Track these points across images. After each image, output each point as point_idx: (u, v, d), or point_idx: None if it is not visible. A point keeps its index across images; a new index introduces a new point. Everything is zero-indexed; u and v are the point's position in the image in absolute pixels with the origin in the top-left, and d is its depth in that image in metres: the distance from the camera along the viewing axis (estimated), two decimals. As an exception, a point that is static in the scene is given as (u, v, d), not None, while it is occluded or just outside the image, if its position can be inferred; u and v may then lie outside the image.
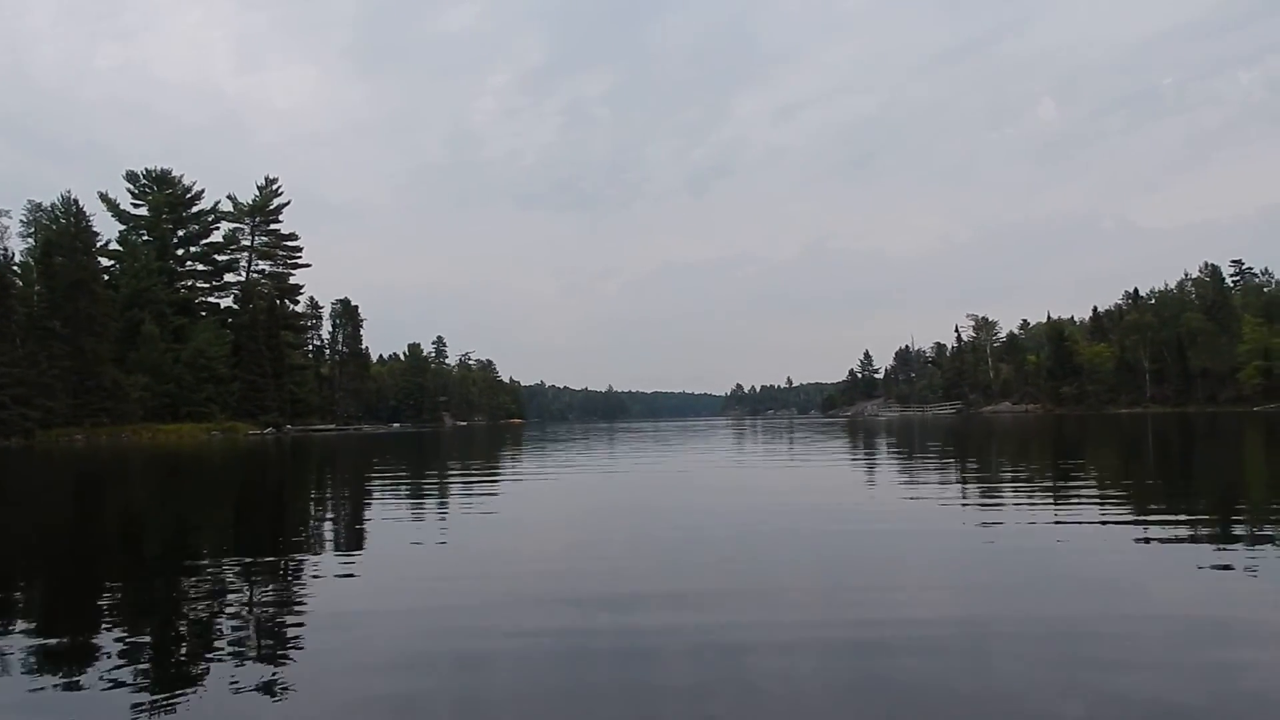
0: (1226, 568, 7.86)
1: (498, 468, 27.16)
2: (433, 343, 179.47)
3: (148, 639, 6.34)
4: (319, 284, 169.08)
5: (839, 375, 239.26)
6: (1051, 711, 4.44)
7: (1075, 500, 13.95)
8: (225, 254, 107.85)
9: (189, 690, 5.01)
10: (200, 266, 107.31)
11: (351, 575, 8.75)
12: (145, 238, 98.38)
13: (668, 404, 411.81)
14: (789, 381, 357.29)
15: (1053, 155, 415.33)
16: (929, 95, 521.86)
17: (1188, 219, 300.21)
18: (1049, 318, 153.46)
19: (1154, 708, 4.44)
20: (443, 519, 13.61)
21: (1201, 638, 5.67)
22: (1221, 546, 9.06)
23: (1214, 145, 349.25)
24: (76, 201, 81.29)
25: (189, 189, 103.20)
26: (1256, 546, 8.99)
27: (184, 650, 6.04)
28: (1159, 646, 5.46)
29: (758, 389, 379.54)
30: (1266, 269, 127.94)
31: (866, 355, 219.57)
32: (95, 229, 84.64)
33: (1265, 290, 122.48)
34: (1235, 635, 5.72)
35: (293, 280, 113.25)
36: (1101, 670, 4.99)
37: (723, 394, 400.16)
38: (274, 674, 5.32)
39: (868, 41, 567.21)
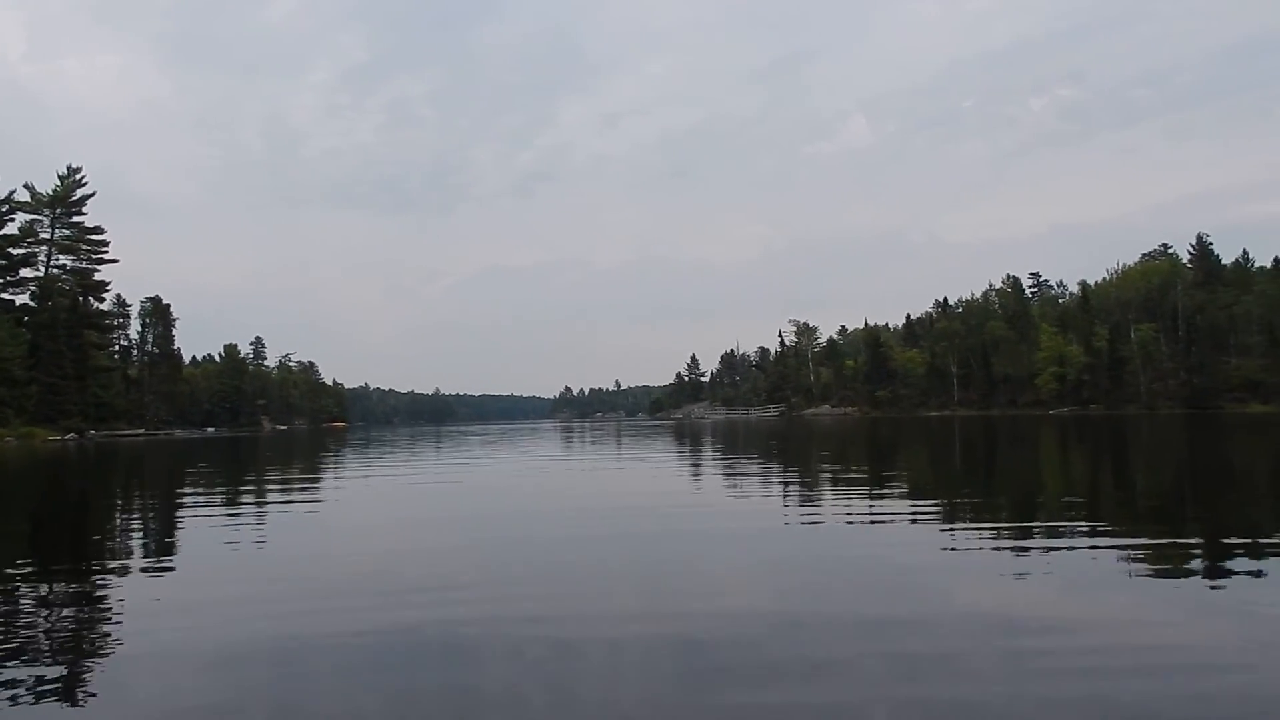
0: (1023, 563, 8.42)
1: (318, 472, 26.36)
2: (250, 344, 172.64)
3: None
4: (127, 281, 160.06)
5: (666, 378, 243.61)
6: (858, 708, 4.64)
7: (888, 499, 14.61)
8: (21, 247, 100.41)
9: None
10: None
11: (161, 584, 8.32)
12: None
13: (496, 407, 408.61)
14: (617, 384, 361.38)
15: (865, 170, 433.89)
16: (746, 109, 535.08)
17: (989, 235, 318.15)
18: (866, 324, 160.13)
19: (954, 705, 4.67)
20: (259, 526, 13.13)
21: (1000, 635, 6.00)
22: (1019, 544, 9.68)
23: (1010, 166, 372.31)
24: None
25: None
26: (1050, 542, 9.65)
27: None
28: (961, 644, 5.76)
29: (586, 392, 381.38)
30: (1061, 281, 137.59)
31: (693, 359, 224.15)
32: None
33: (1060, 301, 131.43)
34: (1029, 631, 6.10)
35: (98, 276, 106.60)
36: (908, 667, 5.25)
37: (551, 397, 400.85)
38: (74, 694, 5.03)
39: (686, 56, 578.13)
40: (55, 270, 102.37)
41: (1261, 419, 59.46)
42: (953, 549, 9.38)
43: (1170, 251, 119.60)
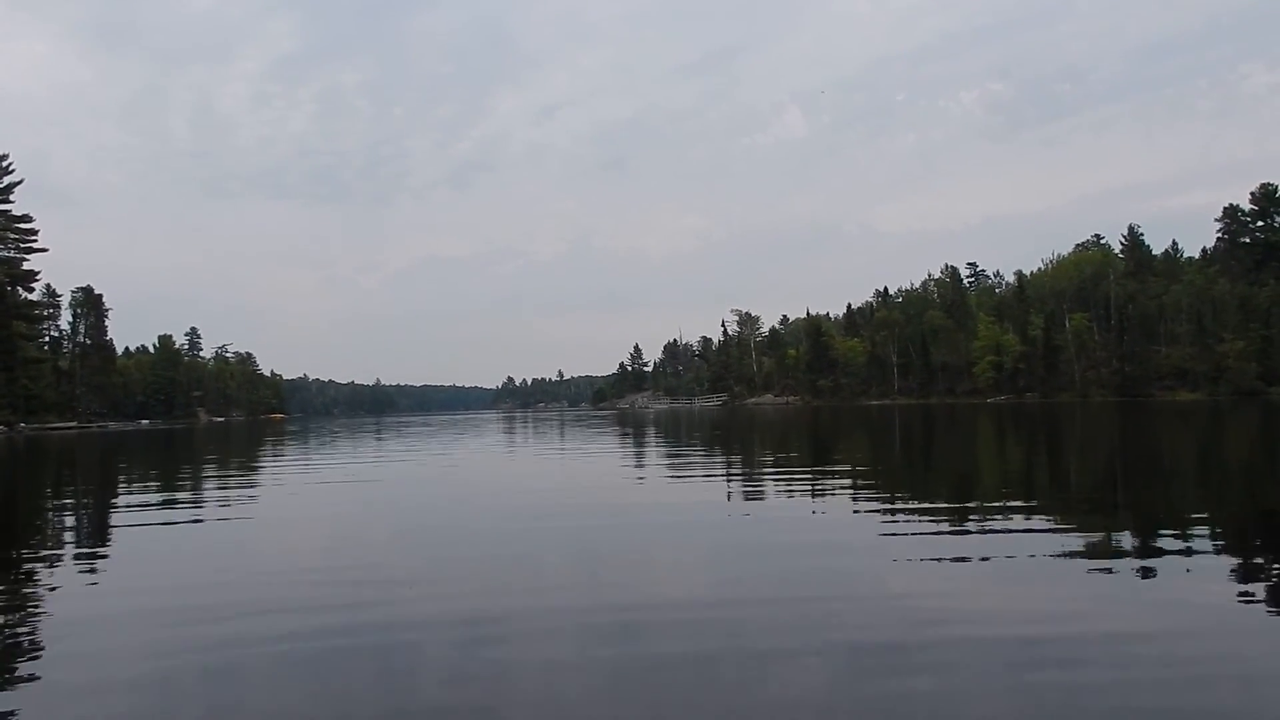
0: (959, 547, 8.59)
1: (255, 466, 25.95)
2: (186, 334, 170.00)
3: None
4: (58, 271, 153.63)
5: (610, 368, 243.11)
6: (793, 689, 4.71)
7: (828, 488, 14.74)
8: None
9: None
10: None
11: (92, 584, 8.19)
12: None
13: (437, 398, 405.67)
14: (560, 375, 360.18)
15: (800, 162, 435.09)
16: (681, 101, 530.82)
17: (923, 226, 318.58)
18: (808, 314, 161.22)
19: (886, 683, 4.77)
20: (196, 523, 12.87)
21: (931, 618, 6.09)
22: (955, 532, 9.90)
23: (943, 158, 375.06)
24: None
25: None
26: (986, 526, 9.86)
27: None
28: (894, 626, 5.86)
29: (529, 382, 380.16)
30: (998, 271, 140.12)
31: (636, 349, 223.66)
32: None
33: (996, 291, 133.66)
34: (954, 614, 6.22)
35: (26, 266, 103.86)
36: (843, 648, 5.35)
37: (494, 387, 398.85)
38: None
39: (619, 49, 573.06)
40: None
41: (1189, 407, 61.08)
42: (889, 537, 9.52)
43: (1102, 242, 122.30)
